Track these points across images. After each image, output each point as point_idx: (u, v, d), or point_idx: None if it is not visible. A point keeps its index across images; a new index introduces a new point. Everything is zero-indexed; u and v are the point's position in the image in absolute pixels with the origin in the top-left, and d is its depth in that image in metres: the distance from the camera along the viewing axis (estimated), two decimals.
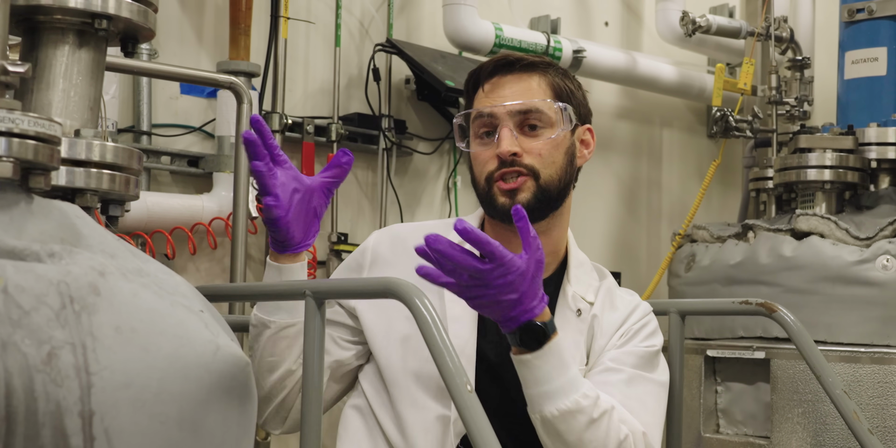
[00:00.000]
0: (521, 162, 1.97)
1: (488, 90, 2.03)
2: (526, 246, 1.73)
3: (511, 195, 1.97)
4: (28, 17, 1.63)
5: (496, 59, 2.06)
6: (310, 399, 1.72)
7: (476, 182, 2.04)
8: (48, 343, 1.18)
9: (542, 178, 1.98)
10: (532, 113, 1.99)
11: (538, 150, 1.98)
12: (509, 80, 2.02)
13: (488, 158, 1.99)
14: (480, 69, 2.06)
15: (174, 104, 3.27)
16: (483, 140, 2.02)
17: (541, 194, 1.98)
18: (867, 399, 3.02)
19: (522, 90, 2.01)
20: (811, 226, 3.27)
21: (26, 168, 1.35)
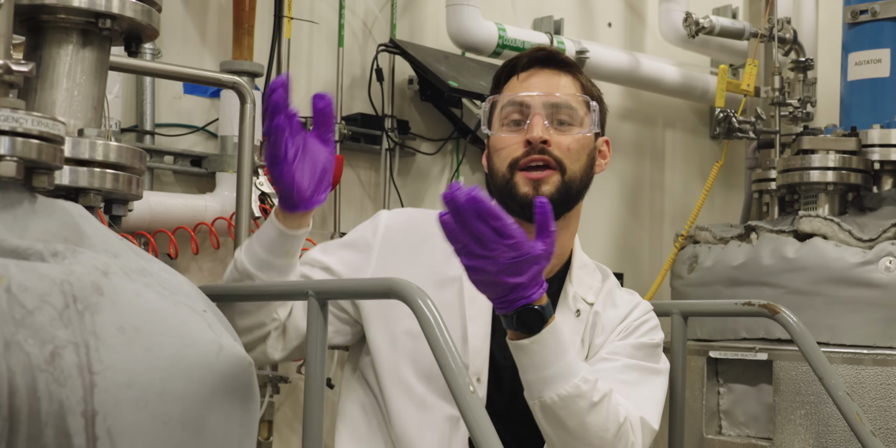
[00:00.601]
0: (550, 152, 1.95)
1: (523, 79, 2.01)
2: (544, 235, 1.69)
3: (535, 186, 1.94)
4: (32, 16, 1.63)
5: (534, 50, 2.05)
6: (312, 399, 1.72)
7: (495, 169, 1.99)
8: (51, 342, 1.18)
9: (568, 173, 1.96)
10: (565, 107, 1.98)
11: (567, 145, 1.97)
12: (545, 74, 2.02)
13: (514, 144, 1.96)
14: (517, 59, 2.04)
15: (177, 104, 3.27)
16: (510, 127, 1.99)
17: (564, 189, 1.96)
18: (870, 401, 3.02)
19: (556, 85, 2.01)
20: (814, 227, 3.27)
21: (30, 167, 1.35)
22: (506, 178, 1.96)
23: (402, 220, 2.04)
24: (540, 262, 1.69)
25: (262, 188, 3.07)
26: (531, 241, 1.67)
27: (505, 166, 1.97)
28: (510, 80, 2.04)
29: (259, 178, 3.05)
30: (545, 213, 1.69)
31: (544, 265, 1.71)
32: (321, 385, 1.72)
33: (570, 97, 1.99)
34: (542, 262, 1.70)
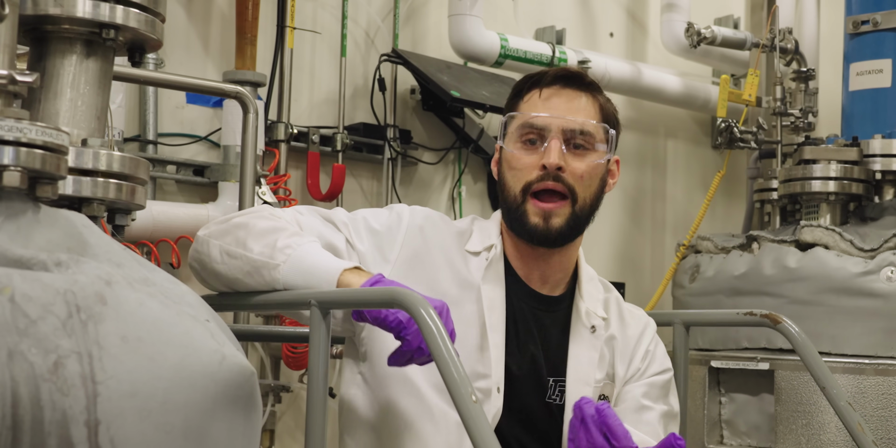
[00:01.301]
0: (564, 179, 1.95)
1: (545, 97, 2.00)
2: (622, 439, 1.80)
3: (545, 217, 1.95)
4: (36, 26, 1.64)
5: (561, 69, 2.05)
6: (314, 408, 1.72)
7: (507, 188, 1.99)
8: (54, 352, 1.18)
9: (578, 203, 1.97)
10: (583, 133, 1.98)
11: (580, 172, 1.97)
12: (566, 94, 2.01)
13: (529, 165, 1.96)
14: (543, 74, 2.03)
15: (180, 113, 3.28)
16: (526, 145, 1.99)
17: (573, 221, 1.97)
18: (871, 410, 3.01)
19: (577, 108, 2.00)
20: (815, 237, 3.27)
21: (34, 177, 1.35)
22: (517, 202, 1.97)
23: (424, 220, 2.03)
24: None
25: (264, 198, 3.07)
26: None
27: (518, 189, 1.97)
28: (531, 95, 2.03)
29: (261, 188, 3.06)
30: (607, 420, 1.81)
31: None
32: (323, 394, 1.73)
33: (589, 124, 1.99)
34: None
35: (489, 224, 2.07)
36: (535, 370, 1.98)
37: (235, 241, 1.84)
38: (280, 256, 1.80)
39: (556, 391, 2.01)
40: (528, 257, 2.02)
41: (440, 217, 2.06)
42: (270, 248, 1.81)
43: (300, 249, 1.81)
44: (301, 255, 1.80)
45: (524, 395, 1.95)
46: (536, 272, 2.03)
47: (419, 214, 2.04)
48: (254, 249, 1.82)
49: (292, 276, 1.79)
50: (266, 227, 1.85)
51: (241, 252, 1.83)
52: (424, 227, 2.01)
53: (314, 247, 1.83)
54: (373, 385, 1.96)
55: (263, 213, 1.91)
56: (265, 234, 1.83)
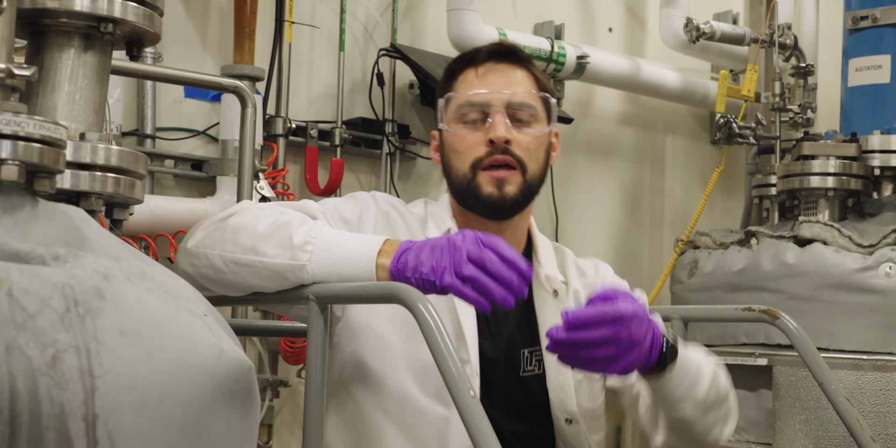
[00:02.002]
0: (512, 152, 1.95)
1: (481, 74, 2.00)
2: (626, 298, 1.73)
3: (499, 186, 1.95)
4: (34, 20, 1.64)
5: (492, 46, 2.04)
6: (312, 403, 1.72)
7: (455, 168, 1.99)
8: (52, 346, 1.18)
9: (529, 172, 1.97)
10: (525, 106, 1.98)
11: (527, 143, 1.97)
12: (502, 69, 2.01)
13: (475, 143, 1.96)
14: (476, 52, 2.03)
15: (178, 108, 3.28)
16: (468, 125, 1.98)
17: (526, 189, 1.97)
18: (869, 406, 3.02)
19: (515, 81, 2.00)
20: (814, 233, 3.27)
21: (31, 171, 1.35)
22: (468, 178, 1.97)
23: (388, 207, 2.03)
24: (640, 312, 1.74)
25: (262, 192, 3.07)
26: (627, 304, 1.70)
27: (467, 166, 1.96)
28: (465, 74, 2.02)
29: (259, 183, 3.06)
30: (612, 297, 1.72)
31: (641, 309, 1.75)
32: (321, 389, 1.72)
33: (529, 95, 1.99)
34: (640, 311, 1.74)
35: (440, 208, 2.06)
36: (509, 348, 1.98)
37: (240, 247, 1.74)
38: (303, 255, 1.71)
39: (533, 361, 2.01)
40: None
41: (400, 203, 2.06)
42: (288, 249, 1.72)
43: (320, 241, 1.72)
44: (325, 249, 1.72)
45: (503, 376, 1.95)
46: None
47: (383, 201, 2.03)
48: (268, 253, 1.72)
49: (322, 273, 1.71)
50: (269, 225, 1.75)
51: (254, 258, 1.73)
52: (389, 213, 2.01)
53: (332, 233, 1.75)
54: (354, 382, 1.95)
55: (254, 212, 1.81)
56: (272, 234, 1.74)
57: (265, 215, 1.79)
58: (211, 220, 1.83)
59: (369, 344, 1.93)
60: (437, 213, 2.05)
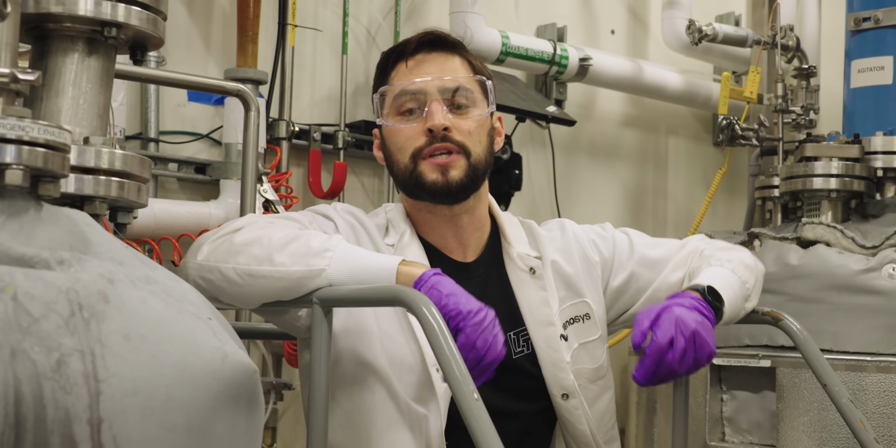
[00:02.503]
0: (452, 138, 1.94)
1: (412, 66, 2.00)
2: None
3: (442, 171, 1.94)
4: (38, 25, 1.64)
5: (420, 35, 2.04)
6: (316, 406, 1.72)
7: (396, 161, 1.98)
8: (57, 350, 1.18)
9: (473, 156, 1.96)
10: (461, 90, 1.98)
11: (467, 128, 1.96)
12: (434, 58, 2.01)
13: (413, 134, 1.95)
14: (404, 44, 2.03)
15: (182, 111, 3.28)
16: (405, 117, 1.98)
17: (472, 172, 1.97)
18: (873, 408, 3.01)
19: (448, 68, 1.99)
20: (817, 234, 3.27)
21: (36, 175, 1.36)
22: (409, 169, 1.96)
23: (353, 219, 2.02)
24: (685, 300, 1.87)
25: (265, 195, 3.07)
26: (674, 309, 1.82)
27: (407, 157, 1.96)
28: (398, 68, 2.02)
29: (263, 186, 3.06)
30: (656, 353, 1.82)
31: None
32: (325, 392, 1.73)
33: (464, 79, 1.98)
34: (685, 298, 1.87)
35: (396, 212, 2.06)
36: None
37: (255, 259, 1.75)
38: (321, 261, 1.73)
39: (521, 342, 2.01)
40: (438, 226, 2.02)
41: (361, 213, 2.06)
42: (305, 256, 1.73)
43: (340, 249, 1.75)
44: (345, 256, 1.74)
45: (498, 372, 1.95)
46: (453, 240, 2.03)
47: (345, 213, 2.03)
48: (285, 262, 1.73)
49: (341, 279, 1.73)
50: (283, 236, 1.77)
51: (270, 269, 1.74)
52: (354, 225, 2.01)
53: (351, 245, 1.78)
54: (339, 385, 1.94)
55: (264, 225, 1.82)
56: (287, 244, 1.75)
57: (277, 228, 1.81)
58: (217, 233, 1.84)
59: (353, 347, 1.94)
60: (393, 219, 2.05)
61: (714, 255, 2.08)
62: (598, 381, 2.06)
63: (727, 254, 2.08)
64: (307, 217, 1.98)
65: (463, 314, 1.65)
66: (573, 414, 1.99)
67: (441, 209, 2.00)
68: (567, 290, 2.06)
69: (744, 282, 2.02)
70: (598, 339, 2.07)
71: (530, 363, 2.01)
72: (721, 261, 2.04)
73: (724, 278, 1.99)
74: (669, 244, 2.19)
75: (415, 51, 2.01)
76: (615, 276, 2.13)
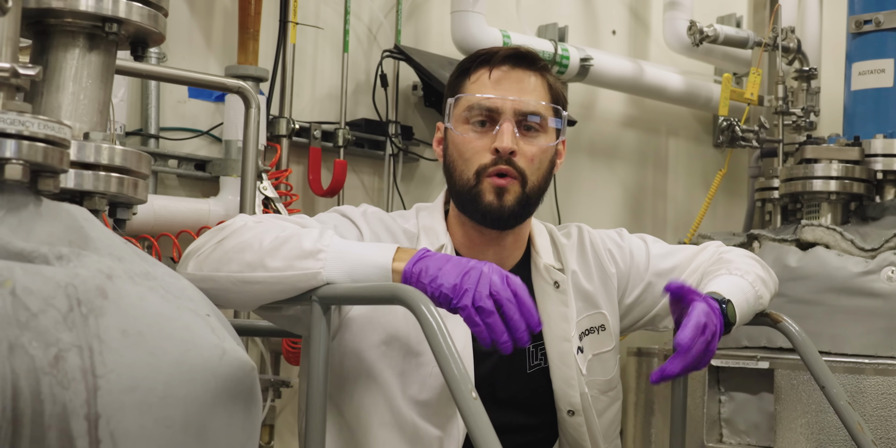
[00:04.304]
0: (515, 163, 1.93)
1: (495, 79, 1.96)
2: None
3: (499, 194, 1.92)
4: (39, 20, 1.64)
5: (511, 49, 2.00)
6: (314, 403, 1.72)
7: (458, 171, 1.96)
8: (55, 345, 1.18)
9: (529, 184, 1.95)
10: (535, 115, 1.95)
11: (531, 155, 1.95)
12: (517, 75, 1.97)
13: (481, 149, 1.94)
14: (493, 53, 1.99)
15: (182, 108, 3.28)
16: (475, 128, 1.96)
17: (524, 200, 1.95)
18: (871, 410, 3.01)
19: (528, 88, 1.97)
20: (816, 236, 3.27)
21: (35, 171, 1.35)
22: (471, 184, 1.94)
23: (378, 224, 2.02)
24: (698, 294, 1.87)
25: (265, 192, 3.07)
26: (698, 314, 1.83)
27: (472, 172, 1.94)
28: (479, 75, 1.98)
29: (263, 183, 3.06)
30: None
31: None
32: (323, 390, 1.72)
33: (541, 106, 1.96)
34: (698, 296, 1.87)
35: (433, 220, 2.03)
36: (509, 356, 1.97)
37: (247, 266, 1.72)
38: (316, 263, 1.70)
39: (539, 356, 2.01)
40: (479, 245, 2.01)
41: (391, 218, 2.04)
42: (298, 259, 1.71)
43: (333, 249, 1.72)
44: (339, 256, 1.72)
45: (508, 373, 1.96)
46: (493, 258, 1.99)
47: (374, 219, 2.02)
48: (279, 267, 1.71)
49: (337, 276, 1.71)
50: (274, 240, 1.73)
51: (263, 274, 1.71)
52: (380, 234, 1.99)
53: (343, 241, 1.75)
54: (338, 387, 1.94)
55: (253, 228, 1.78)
56: (278, 248, 1.72)
57: (266, 230, 1.76)
58: (208, 240, 1.79)
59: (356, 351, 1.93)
60: (430, 228, 2.02)
61: (734, 261, 2.08)
62: (609, 392, 2.06)
63: (747, 263, 2.09)
64: (332, 220, 1.97)
65: (450, 296, 1.63)
66: (577, 431, 1.99)
67: (490, 231, 1.99)
68: (584, 302, 2.05)
69: (759, 297, 2.05)
70: (611, 350, 2.07)
71: (544, 378, 2.00)
72: (742, 271, 2.05)
73: (742, 292, 2.01)
74: (686, 251, 2.18)
75: (501, 62, 1.98)
76: (631, 288, 2.12)
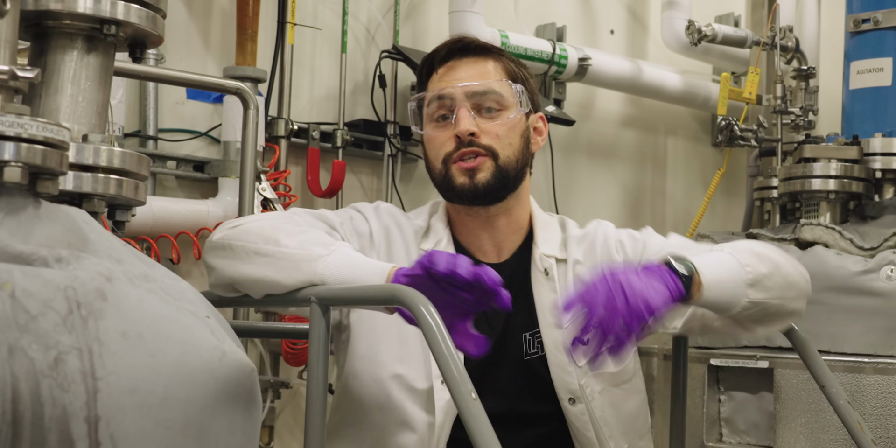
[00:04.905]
0: (479, 142, 1.97)
1: (443, 73, 2.03)
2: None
3: (470, 174, 1.97)
4: (37, 22, 1.64)
5: (450, 43, 2.06)
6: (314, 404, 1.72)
7: (432, 166, 2.03)
8: (55, 348, 1.18)
9: (501, 158, 1.98)
10: (489, 94, 2.00)
11: (496, 131, 1.99)
12: (465, 63, 2.03)
13: (445, 140, 1.99)
14: (435, 52, 2.06)
15: (180, 109, 3.28)
16: (439, 123, 2.02)
17: (500, 174, 1.98)
18: (871, 409, 3.01)
19: (478, 73, 2.02)
20: (815, 235, 3.27)
21: (34, 173, 1.35)
22: (442, 173, 2.00)
23: (389, 220, 2.08)
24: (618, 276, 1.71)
25: (264, 193, 3.07)
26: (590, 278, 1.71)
27: (439, 162, 2.00)
28: (431, 76, 2.06)
29: (261, 184, 3.06)
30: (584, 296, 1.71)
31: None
32: (323, 390, 1.73)
33: (493, 83, 2.00)
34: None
35: (438, 216, 2.10)
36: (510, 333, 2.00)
37: (264, 239, 1.83)
38: (321, 250, 1.80)
39: (535, 344, 2.02)
40: (475, 228, 2.05)
41: (402, 215, 2.11)
42: (310, 244, 1.81)
43: (341, 248, 1.82)
44: (344, 253, 1.81)
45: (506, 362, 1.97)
46: (489, 241, 2.06)
47: (385, 214, 2.09)
48: (290, 245, 1.81)
49: (336, 269, 1.77)
50: (294, 227, 1.87)
51: (274, 248, 1.81)
52: (389, 229, 2.06)
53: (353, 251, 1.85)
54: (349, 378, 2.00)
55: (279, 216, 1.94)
56: (297, 233, 1.84)
57: (290, 221, 1.91)
58: (234, 222, 1.93)
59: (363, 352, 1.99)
60: (435, 223, 2.09)
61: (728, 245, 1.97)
62: (623, 385, 2.04)
63: (743, 244, 1.96)
64: (347, 213, 2.06)
65: None
66: (580, 419, 1.98)
67: (477, 211, 2.03)
68: None
69: (744, 265, 1.85)
70: None
71: (542, 366, 2.00)
72: (725, 248, 1.92)
73: (716, 259, 1.86)
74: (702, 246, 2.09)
75: (445, 58, 2.05)
76: None
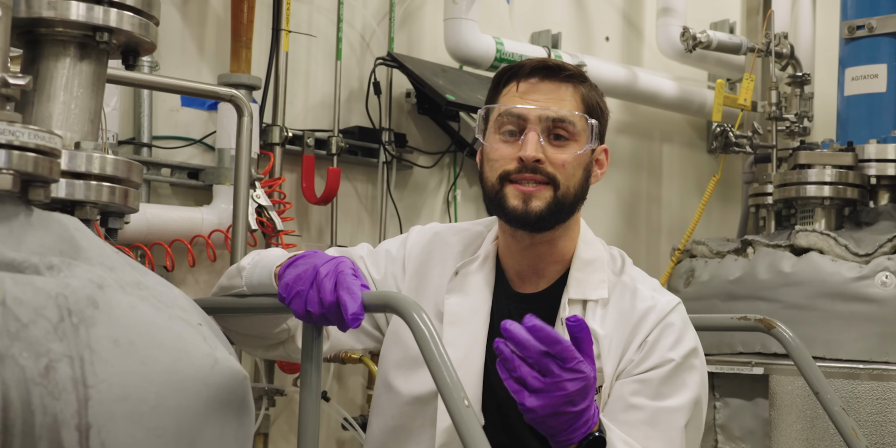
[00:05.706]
0: (544, 170, 1.91)
1: (523, 90, 1.96)
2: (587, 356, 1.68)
3: (525, 199, 1.91)
4: (29, 29, 1.64)
5: (538, 61, 1.99)
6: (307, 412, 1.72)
7: (486, 179, 1.96)
8: (46, 356, 1.18)
9: (560, 189, 1.92)
10: (563, 122, 1.93)
11: (562, 162, 1.92)
12: (546, 86, 1.96)
13: (507, 156, 1.93)
14: (520, 66, 1.99)
15: (175, 116, 3.28)
16: (505, 137, 1.95)
17: (555, 205, 1.92)
18: (865, 416, 3.01)
19: (557, 99, 1.95)
20: (810, 242, 3.27)
21: (26, 180, 1.35)
22: (495, 189, 1.93)
23: (432, 236, 2.08)
24: (593, 385, 1.69)
25: (258, 201, 3.07)
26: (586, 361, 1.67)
27: (495, 177, 1.93)
28: (509, 88, 1.98)
29: (256, 191, 3.05)
30: (581, 332, 1.68)
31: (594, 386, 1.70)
32: (316, 398, 1.72)
33: (568, 113, 1.94)
34: (594, 384, 1.70)
35: (493, 234, 2.06)
36: None
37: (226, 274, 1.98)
38: (244, 261, 1.91)
39: None
40: (517, 252, 1.99)
41: (453, 232, 2.09)
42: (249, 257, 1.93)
43: (264, 254, 1.90)
44: (261, 259, 1.88)
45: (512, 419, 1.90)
46: (528, 268, 1.99)
47: (428, 232, 2.09)
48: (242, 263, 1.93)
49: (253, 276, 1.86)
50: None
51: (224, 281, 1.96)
52: (433, 242, 2.07)
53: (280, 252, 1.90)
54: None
55: None
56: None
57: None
58: None
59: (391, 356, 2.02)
60: (487, 239, 2.07)
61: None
62: None
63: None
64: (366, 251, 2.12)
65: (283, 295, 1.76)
66: None
67: (522, 235, 1.97)
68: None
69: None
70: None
71: None
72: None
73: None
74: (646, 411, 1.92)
75: (529, 74, 1.97)
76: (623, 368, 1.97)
